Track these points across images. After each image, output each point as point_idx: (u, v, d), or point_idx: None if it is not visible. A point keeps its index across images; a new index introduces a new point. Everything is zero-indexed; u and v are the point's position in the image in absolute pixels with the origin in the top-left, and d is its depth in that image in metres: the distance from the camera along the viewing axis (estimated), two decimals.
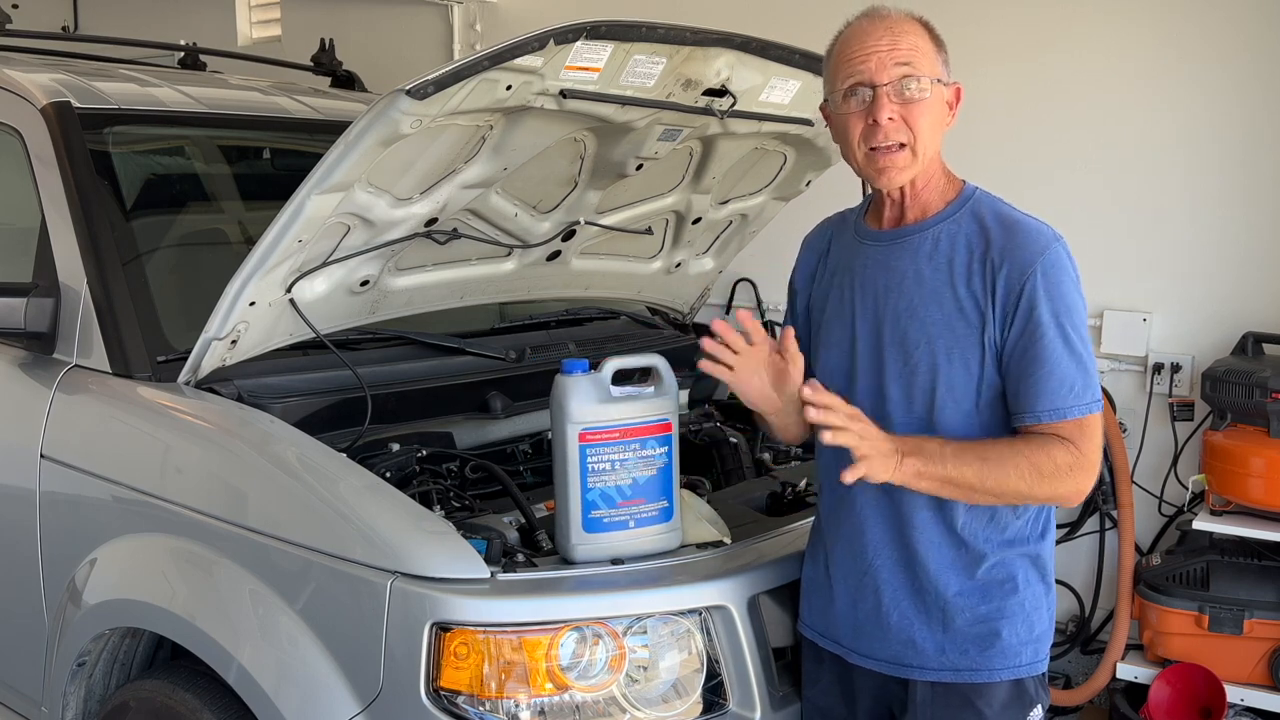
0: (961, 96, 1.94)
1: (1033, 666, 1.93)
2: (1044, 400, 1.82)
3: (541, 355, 2.91)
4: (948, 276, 1.88)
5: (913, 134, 1.86)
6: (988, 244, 1.87)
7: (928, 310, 1.89)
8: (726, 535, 2.20)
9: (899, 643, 1.94)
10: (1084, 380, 1.83)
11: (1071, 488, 1.84)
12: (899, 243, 1.95)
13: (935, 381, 1.88)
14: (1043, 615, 1.95)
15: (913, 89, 1.85)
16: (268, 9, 4.92)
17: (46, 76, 2.89)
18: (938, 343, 1.87)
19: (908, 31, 1.89)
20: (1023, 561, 1.93)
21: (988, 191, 1.96)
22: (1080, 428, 1.83)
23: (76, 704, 2.50)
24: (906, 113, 1.86)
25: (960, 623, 1.91)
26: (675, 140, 2.67)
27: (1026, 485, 1.81)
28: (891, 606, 1.94)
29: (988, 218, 1.90)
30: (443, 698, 1.91)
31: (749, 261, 3.97)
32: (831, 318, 2.02)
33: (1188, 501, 3.57)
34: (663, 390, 2.10)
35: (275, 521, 2.12)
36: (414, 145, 2.23)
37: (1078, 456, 1.82)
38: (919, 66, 1.86)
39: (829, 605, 2.03)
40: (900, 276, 1.92)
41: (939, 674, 1.91)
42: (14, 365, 2.66)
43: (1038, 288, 1.82)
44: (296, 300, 2.41)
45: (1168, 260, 3.69)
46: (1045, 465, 1.81)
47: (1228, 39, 3.56)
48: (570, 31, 2.14)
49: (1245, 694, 3.25)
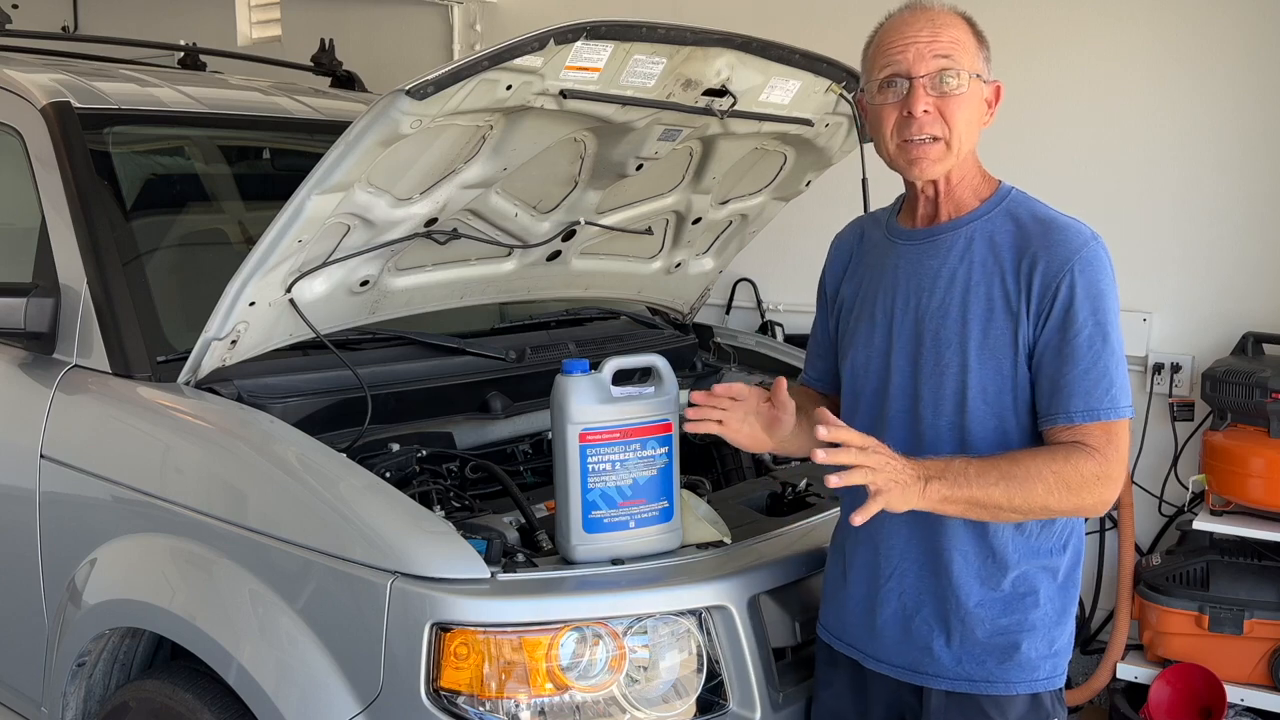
0: (1002, 95, 1.91)
1: (1050, 681, 1.90)
2: (1078, 400, 1.78)
3: (542, 355, 2.91)
4: (982, 275, 1.85)
5: (948, 128, 1.83)
6: (1023, 242, 1.83)
7: (960, 310, 1.86)
8: (727, 535, 2.20)
9: (917, 650, 1.91)
10: (1121, 382, 1.80)
11: (1096, 499, 1.79)
12: (932, 241, 1.92)
13: (966, 382, 1.84)
14: (1064, 630, 1.92)
15: (951, 83, 1.82)
16: (268, 9, 4.92)
17: (46, 76, 2.89)
18: (970, 343, 1.84)
19: (949, 25, 1.85)
20: (1046, 575, 1.89)
21: (1024, 191, 1.93)
22: (1109, 433, 1.79)
23: (76, 704, 2.50)
24: (943, 106, 1.82)
25: (980, 634, 1.88)
26: (675, 140, 2.67)
27: (1055, 500, 1.77)
28: (913, 613, 1.92)
29: (1024, 216, 1.87)
30: (443, 698, 1.91)
31: (749, 261, 3.98)
32: (862, 317, 1.99)
33: (1188, 501, 3.56)
34: (663, 390, 2.10)
35: (275, 521, 2.12)
36: (414, 145, 2.23)
37: (1104, 465, 1.77)
38: (959, 60, 1.83)
39: (845, 608, 2.01)
40: (933, 276, 1.89)
41: (955, 683, 1.89)
42: (14, 365, 2.66)
43: (1075, 284, 1.78)
44: (296, 300, 2.41)
45: (1168, 260, 3.69)
46: (1072, 478, 1.76)
47: (1228, 40, 3.56)
48: (570, 31, 2.14)
49: (1245, 694, 3.25)
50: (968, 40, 1.86)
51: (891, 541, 1.93)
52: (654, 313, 3.52)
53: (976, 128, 1.88)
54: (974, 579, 1.88)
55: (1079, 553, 1.95)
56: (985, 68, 1.88)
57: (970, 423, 1.84)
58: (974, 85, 1.85)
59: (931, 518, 1.85)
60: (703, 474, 2.67)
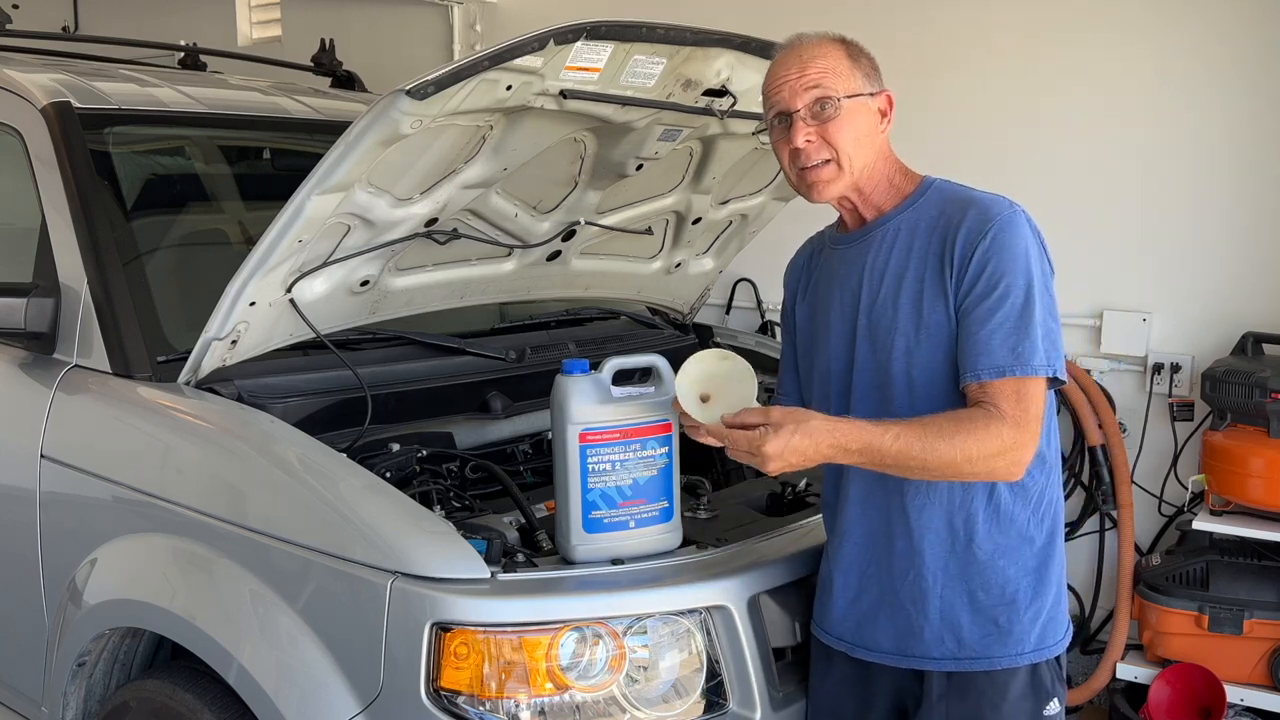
0: (893, 103, 2.00)
1: (1040, 652, 1.94)
2: (984, 358, 1.83)
3: (542, 355, 2.91)
4: (909, 261, 1.94)
5: (835, 149, 1.93)
6: (945, 222, 1.92)
7: (894, 297, 1.94)
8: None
9: (905, 634, 1.96)
10: (1028, 343, 1.82)
11: (1008, 462, 1.81)
12: (862, 240, 2.02)
13: (911, 365, 1.92)
14: (1045, 599, 1.95)
15: (827, 109, 1.92)
16: (268, 9, 4.92)
17: (46, 76, 2.89)
18: (908, 325, 1.92)
19: (818, 55, 1.95)
20: (1023, 547, 1.94)
21: (948, 180, 2.01)
22: (1018, 391, 1.81)
23: (77, 704, 2.50)
24: (824, 131, 1.93)
25: (961, 611, 1.93)
26: (675, 140, 2.67)
27: (961, 458, 1.78)
28: (894, 598, 1.96)
29: (944, 200, 1.96)
30: (443, 698, 1.91)
31: (749, 261, 3.97)
32: (819, 326, 2.09)
33: (1187, 501, 3.56)
34: (663, 390, 2.10)
35: (275, 521, 2.12)
36: (414, 145, 2.23)
37: (1013, 430, 1.79)
38: (830, 86, 1.92)
39: (833, 601, 2.05)
40: (866, 270, 1.99)
41: (941, 663, 1.94)
42: (14, 365, 2.66)
43: (989, 250, 1.85)
44: (296, 300, 2.41)
45: (1168, 260, 3.69)
46: (981, 439, 1.78)
47: (1228, 41, 3.56)
48: (570, 32, 2.14)
49: (1245, 694, 3.25)
50: (838, 64, 1.95)
51: (865, 530, 2.00)
52: (654, 313, 3.52)
53: (869, 140, 1.97)
54: (947, 559, 1.93)
55: (1056, 522, 1.99)
56: (865, 83, 1.96)
57: (919, 403, 1.90)
58: (853, 104, 1.94)
59: (899, 504, 1.94)
60: (703, 474, 2.67)
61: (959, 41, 3.94)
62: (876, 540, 1.98)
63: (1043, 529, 1.96)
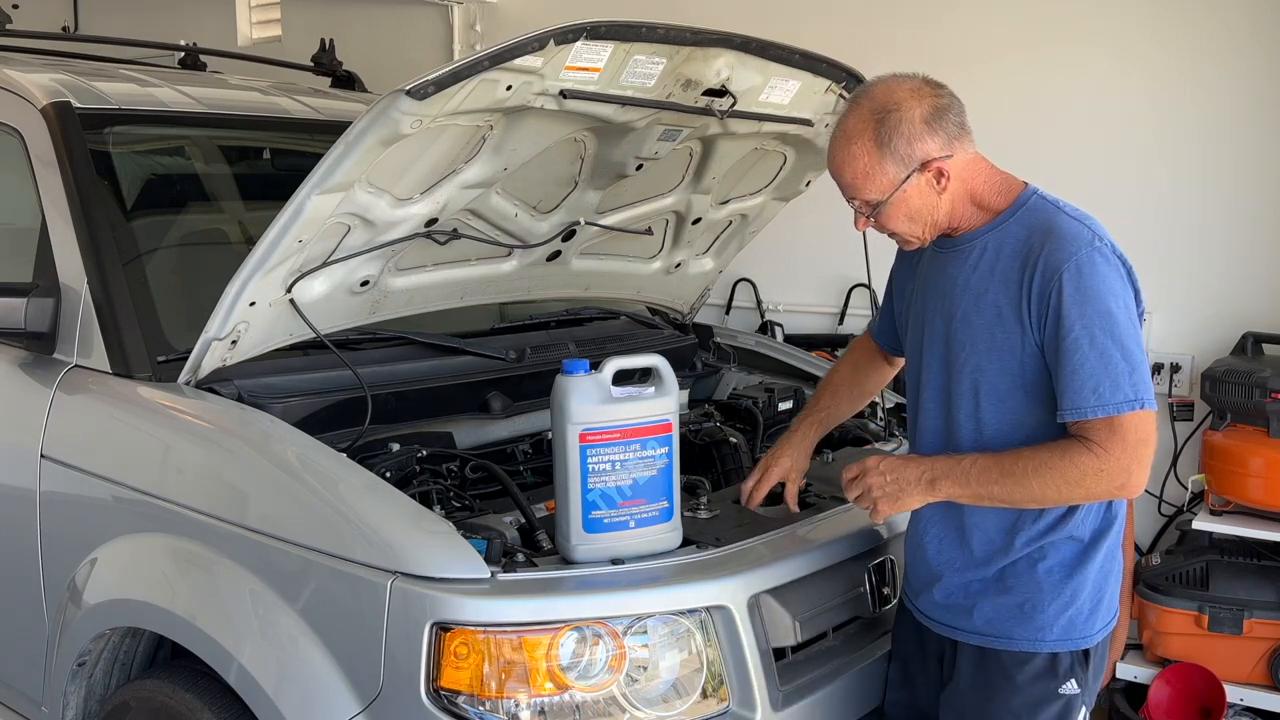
0: (945, 170, 1.98)
1: (1063, 643, 2.03)
2: (1067, 398, 1.91)
3: (542, 355, 2.91)
4: (990, 284, 2.00)
5: (893, 230, 2.06)
6: (1026, 251, 1.97)
7: (971, 316, 2.02)
8: None
9: (948, 608, 2.10)
10: (1110, 381, 1.88)
11: (1102, 489, 1.92)
12: (954, 250, 2.08)
13: (979, 383, 2.02)
14: (1077, 595, 2.03)
15: (874, 208, 2.01)
16: (268, 9, 4.92)
17: (46, 76, 2.89)
18: (980, 346, 2.01)
19: (846, 162, 2.00)
20: (1067, 544, 2.02)
21: (1045, 196, 2.04)
22: (1110, 427, 1.89)
23: (77, 704, 2.50)
24: (879, 222, 2.04)
25: (997, 595, 2.04)
26: (675, 140, 2.67)
27: (1054, 491, 1.93)
28: (942, 574, 2.10)
29: (1033, 224, 1.99)
30: (443, 697, 1.91)
31: (749, 261, 3.98)
32: (909, 320, 2.23)
33: (1187, 501, 3.57)
34: (663, 390, 2.10)
35: (275, 521, 2.12)
36: (414, 145, 2.23)
37: (1103, 457, 1.89)
38: (864, 192, 2.00)
39: (910, 567, 2.21)
40: (951, 283, 2.07)
41: (970, 636, 2.07)
42: (14, 365, 2.66)
43: (1064, 290, 1.90)
44: (296, 300, 2.41)
45: (1168, 260, 3.69)
46: (1068, 471, 1.91)
47: (1227, 43, 3.56)
48: (570, 32, 2.15)
49: (1245, 694, 3.25)
50: (868, 165, 1.98)
51: (928, 514, 2.13)
52: (654, 313, 3.52)
53: (928, 210, 2.02)
54: (990, 546, 2.05)
55: (1108, 524, 2.06)
56: (901, 168, 1.98)
57: (984, 417, 2.02)
58: (897, 195, 1.99)
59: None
60: (703, 474, 2.66)
61: (959, 41, 3.94)
62: (936, 525, 2.11)
63: (1086, 527, 2.03)
